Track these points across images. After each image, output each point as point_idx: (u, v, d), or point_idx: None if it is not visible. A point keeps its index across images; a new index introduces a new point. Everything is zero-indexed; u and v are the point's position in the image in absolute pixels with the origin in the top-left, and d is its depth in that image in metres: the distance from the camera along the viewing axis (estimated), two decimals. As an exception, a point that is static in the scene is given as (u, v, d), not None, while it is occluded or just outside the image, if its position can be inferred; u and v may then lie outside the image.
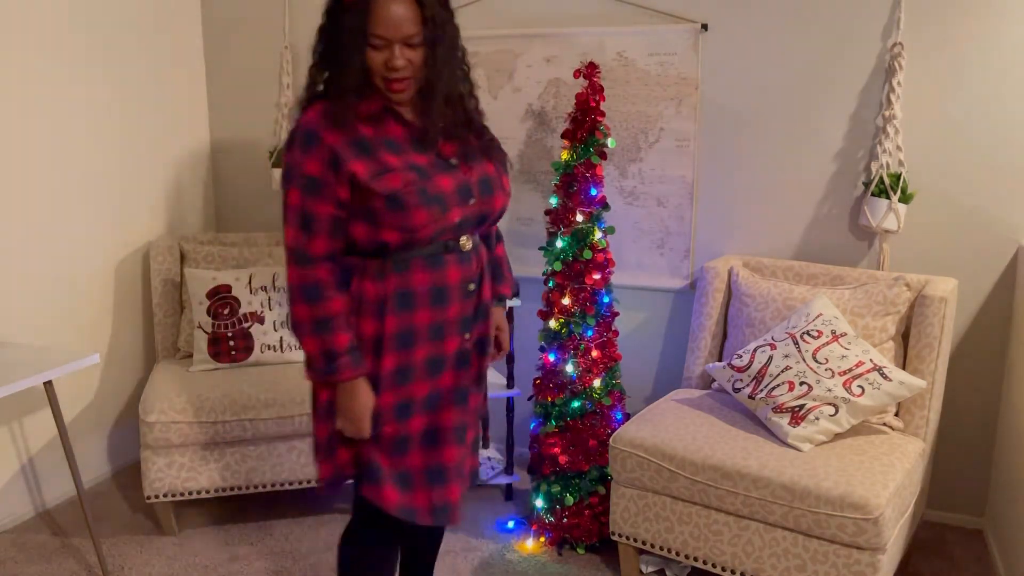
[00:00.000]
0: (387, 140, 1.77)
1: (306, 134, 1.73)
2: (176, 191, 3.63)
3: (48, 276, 3.06)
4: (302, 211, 1.72)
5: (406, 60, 1.73)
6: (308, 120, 1.74)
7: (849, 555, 2.15)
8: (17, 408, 2.99)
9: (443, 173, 1.80)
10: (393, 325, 1.78)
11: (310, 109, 1.76)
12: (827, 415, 2.35)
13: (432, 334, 1.83)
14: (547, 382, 2.80)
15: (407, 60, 1.73)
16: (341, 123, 1.72)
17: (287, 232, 1.75)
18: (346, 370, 1.75)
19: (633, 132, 3.11)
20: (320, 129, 1.72)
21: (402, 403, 1.83)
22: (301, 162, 1.72)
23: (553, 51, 3.16)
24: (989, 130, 2.69)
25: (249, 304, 3.15)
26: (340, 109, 1.73)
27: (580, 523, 2.78)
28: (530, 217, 3.32)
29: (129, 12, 3.31)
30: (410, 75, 1.75)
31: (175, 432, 2.78)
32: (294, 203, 1.73)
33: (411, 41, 1.73)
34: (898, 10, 2.72)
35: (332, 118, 1.73)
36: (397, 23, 1.70)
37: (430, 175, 1.77)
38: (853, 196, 2.88)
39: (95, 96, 3.20)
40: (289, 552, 2.82)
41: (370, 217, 1.74)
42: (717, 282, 2.89)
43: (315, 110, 1.75)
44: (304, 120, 1.75)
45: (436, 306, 1.82)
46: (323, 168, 1.71)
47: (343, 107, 1.73)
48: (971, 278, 2.78)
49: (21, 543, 2.88)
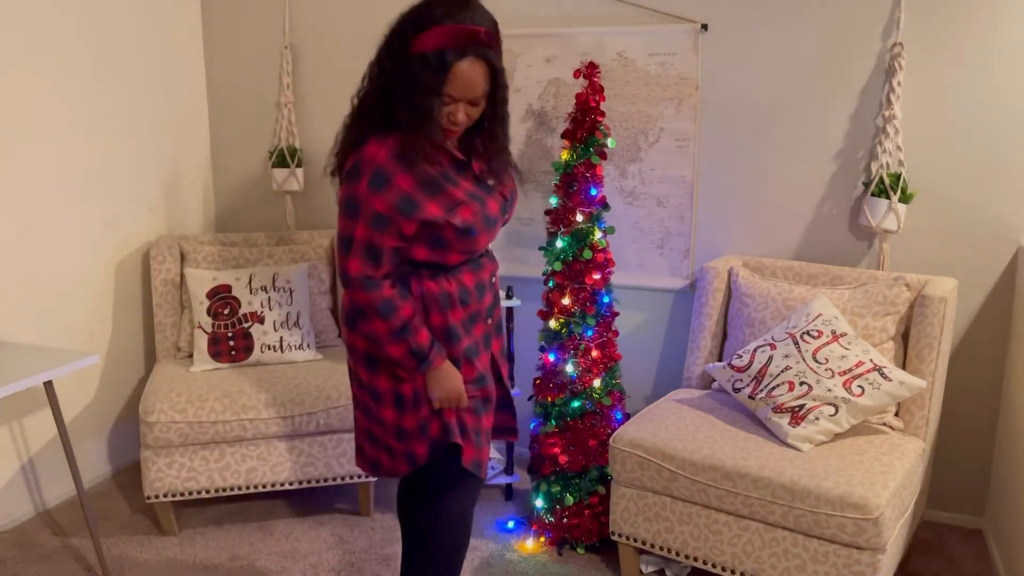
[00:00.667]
0: (444, 173, 1.91)
1: (377, 173, 1.82)
2: (176, 191, 3.63)
3: (48, 276, 3.06)
4: (368, 244, 1.85)
5: (466, 115, 1.88)
6: (378, 157, 1.83)
7: (849, 555, 2.16)
8: (17, 408, 2.99)
9: (490, 197, 1.99)
10: (459, 316, 1.98)
11: (375, 144, 1.84)
12: (827, 415, 2.35)
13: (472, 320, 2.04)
14: (547, 382, 2.80)
15: (467, 115, 1.88)
16: (412, 165, 1.84)
17: (352, 262, 1.87)
18: (436, 359, 1.94)
19: (633, 132, 3.11)
20: (392, 170, 1.83)
21: (478, 375, 2.04)
22: (369, 199, 1.83)
23: (553, 51, 3.16)
24: (989, 130, 2.69)
25: (249, 304, 3.15)
26: (413, 152, 1.84)
27: (580, 523, 2.78)
28: (530, 217, 3.32)
29: (129, 12, 3.31)
30: (466, 125, 1.92)
31: (175, 432, 2.78)
32: (360, 236, 1.85)
33: (478, 101, 1.88)
34: (898, 10, 2.72)
35: (404, 160, 1.83)
36: (472, 88, 1.83)
37: (485, 201, 1.96)
38: (853, 196, 2.88)
39: (95, 96, 3.20)
40: (289, 552, 2.82)
41: (436, 243, 1.91)
42: (717, 282, 2.90)
43: (384, 147, 1.83)
44: (373, 156, 1.83)
45: (477, 298, 2.03)
46: (390, 207, 1.83)
47: (416, 150, 1.84)
48: (971, 278, 2.78)
49: (21, 543, 2.88)
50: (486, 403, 2.08)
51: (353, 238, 1.86)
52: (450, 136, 1.92)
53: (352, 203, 1.85)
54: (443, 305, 1.96)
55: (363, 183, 1.83)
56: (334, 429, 2.91)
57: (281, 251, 3.37)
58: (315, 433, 2.91)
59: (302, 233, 3.50)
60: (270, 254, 3.36)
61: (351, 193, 1.85)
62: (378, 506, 3.11)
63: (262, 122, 3.66)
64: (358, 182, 1.84)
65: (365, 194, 1.83)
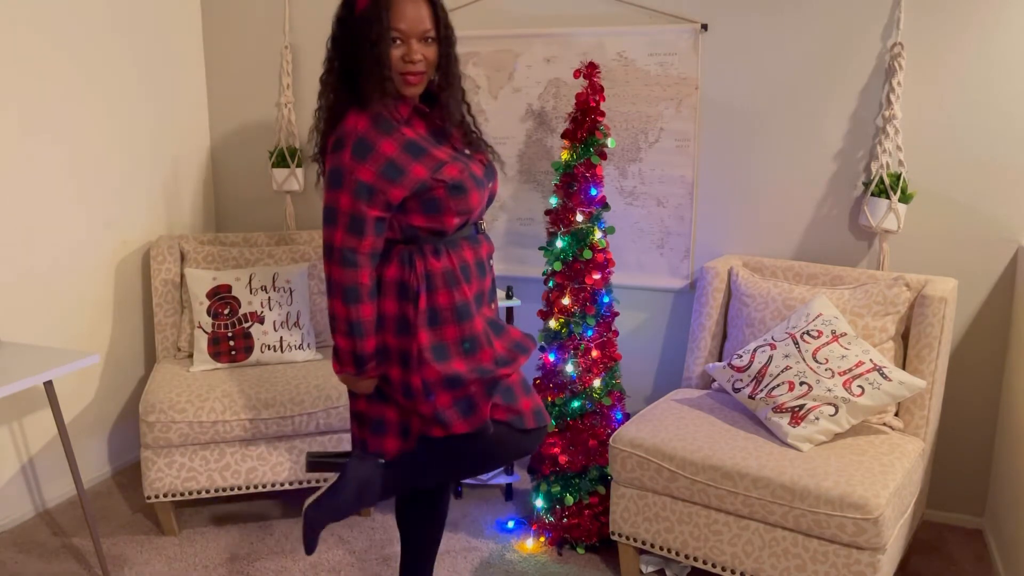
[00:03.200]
0: (424, 137, 1.95)
1: (360, 142, 1.85)
2: (176, 191, 3.63)
3: (48, 276, 3.06)
4: (352, 214, 1.86)
5: (422, 55, 1.90)
6: (359, 127, 1.87)
7: (849, 555, 2.16)
8: (17, 408, 2.99)
9: (471, 161, 2.01)
10: (467, 293, 1.98)
11: (354, 116, 1.88)
12: (827, 415, 2.35)
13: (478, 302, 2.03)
14: (547, 382, 2.80)
15: (422, 55, 1.90)
16: (391, 129, 1.88)
17: (335, 233, 1.87)
18: (372, 372, 1.97)
19: (633, 132, 3.11)
20: (374, 138, 1.86)
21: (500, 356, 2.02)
22: (354, 168, 1.85)
23: (553, 51, 3.16)
24: (989, 130, 2.69)
25: (249, 304, 3.15)
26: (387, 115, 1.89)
27: (580, 523, 2.78)
28: (530, 217, 3.32)
29: (129, 12, 3.32)
30: (424, 70, 1.92)
31: (175, 432, 2.78)
32: (344, 207, 1.86)
33: (426, 37, 1.91)
34: (898, 10, 2.72)
35: (383, 125, 1.88)
36: (415, 19, 1.88)
37: (467, 163, 1.98)
38: (853, 196, 2.88)
39: (95, 96, 3.20)
40: (289, 552, 2.82)
41: (431, 206, 1.91)
42: (717, 282, 2.90)
43: (362, 119, 1.88)
44: (354, 127, 1.87)
45: (479, 278, 2.04)
46: (376, 175, 1.86)
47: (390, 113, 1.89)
48: (971, 278, 2.78)
49: (21, 543, 2.89)
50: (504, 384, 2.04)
51: (338, 209, 1.87)
52: (412, 83, 1.92)
53: (337, 174, 1.87)
54: (449, 282, 1.95)
55: (347, 153, 1.85)
56: (334, 429, 2.91)
57: (281, 251, 3.37)
58: (315, 433, 2.90)
59: (302, 233, 3.50)
60: (270, 254, 3.36)
61: (336, 164, 1.87)
62: (378, 506, 3.12)
63: (262, 122, 3.66)
64: (342, 153, 1.86)
65: (349, 164, 1.85)
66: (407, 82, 1.91)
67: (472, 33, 3.25)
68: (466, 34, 3.26)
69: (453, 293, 1.96)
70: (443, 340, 1.96)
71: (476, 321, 1.99)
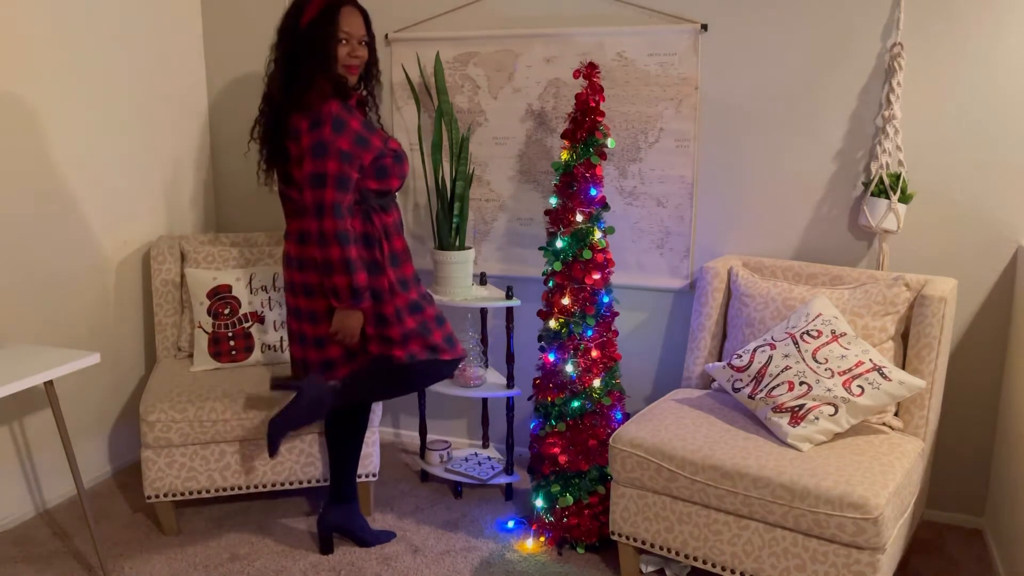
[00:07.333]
0: (368, 121, 2.59)
1: (336, 119, 2.38)
2: (176, 191, 3.63)
3: (48, 276, 3.06)
4: (339, 175, 2.37)
5: (361, 53, 2.52)
6: (333, 108, 2.38)
7: (849, 555, 2.16)
8: (17, 408, 3.00)
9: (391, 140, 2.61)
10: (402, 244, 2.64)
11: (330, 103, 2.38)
12: (827, 415, 2.35)
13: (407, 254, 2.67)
14: (547, 382, 2.80)
15: (360, 53, 2.52)
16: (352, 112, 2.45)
17: (326, 192, 2.35)
18: (365, 302, 2.46)
19: (633, 132, 3.11)
20: (345, 116, 2.41)
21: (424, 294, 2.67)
22: (335, 140, 2.37)
23: (553, 51, 3.17)
24: (989, 130, 2.69)
25: (249, 304, 3.15)
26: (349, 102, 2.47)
27: (580, 523, 2.78)
28: (530, 217, 3.32)
29: (129, 12, 3.32)
30: (361, 65, 2.54)
31: (175, 432, 2.78)
32: (333, 171, 2.36)
33: (363, 40, 2.53)
34: (898, 10, 2.72)
35: (347, 108, 2.43)
36: (359, 25, 2.51)
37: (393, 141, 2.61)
38: (853, 196, 2.88)
39: (95, 96, 3.20)
40: (289, 552, 2.82)
41: (381, 172, 2.50)
42: (717, 282, 2.90)
43: (333, 104, 2.39)
44: (329, 109, 2.38)
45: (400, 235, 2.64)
46: (351, 144, 2.40)
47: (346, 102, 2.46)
48: (971, 278, 2.78)
49: (21, 543, 2.89)
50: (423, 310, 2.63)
51: (327, 172, 2.35)
52: (353, 73, 2.51)
53: (321, 146, 2.36)
54: (399, 231, 2.61)
55: (327, 129, 2.36)
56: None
57: (281, 251, 3.37)
58: (315, 433, 2.91)
59: (302, 233, 3.50)
60: (270, 254, 3.36)
61: (319, 139, 2.36)
62: (378, 506, 3.12)
63: (262, 122, 3.66)
64: (322, 129, 2.36)
65: (331, 136, 2.36)
66: (350, 71, 2.50)
67: (472, 33, 3.25)
68: (466, 34, 3.27)
69: (402, 239, 2.62)
70: (404, 276, 2.59)
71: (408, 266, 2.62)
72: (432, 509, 3.10)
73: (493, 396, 3.10)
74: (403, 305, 2.54)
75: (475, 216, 3.39)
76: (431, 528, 2.96)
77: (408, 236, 3.48)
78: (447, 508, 3.11)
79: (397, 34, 3.36)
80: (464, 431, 3.60)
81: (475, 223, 3.39)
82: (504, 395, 3.08)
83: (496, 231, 3.38)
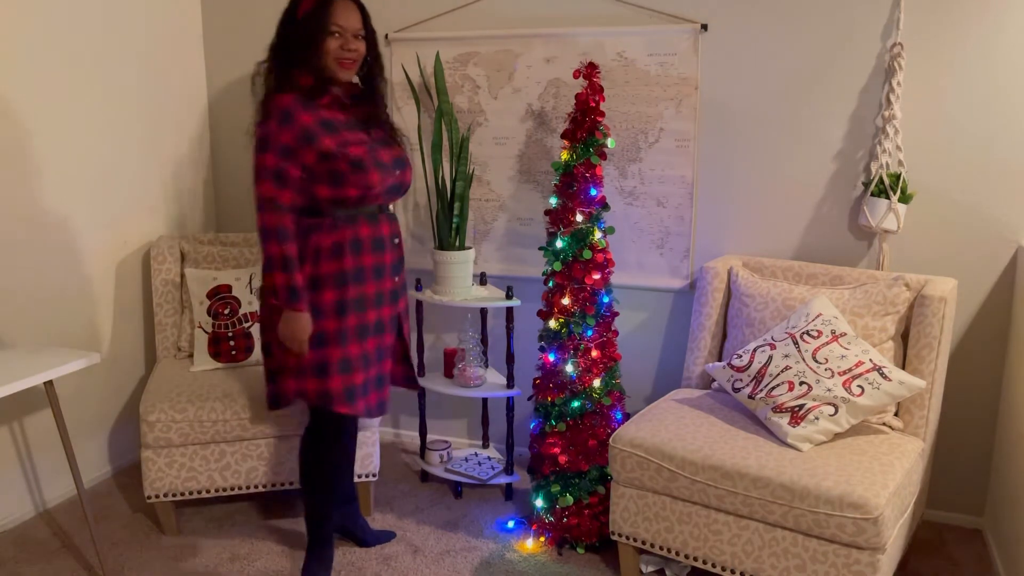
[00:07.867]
0: (341, 122, 2.37)
1: (283, 113, 2.28)
2: (176, 191, 3.63)
3: (48, 276, 3.06)
4: (276, 170, 2.26)
5: (355, 47, 2.39)
6: (285, 103, 2.29)
7: (849, 555, 2.16)
8: (17, 408, 3.00)
9: (381, 147, 2.43)
10: (351, 264, 2.37)
11: (283, 96, 2.30)
12: (827, 415, 2.35)
13: (375, 274, 2.43)
14: (547, 382, 2.80)
15: (355, 47, 2.40)
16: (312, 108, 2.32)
17: (263, 186, 2.26)
18: (303, 303, 2.30)
19: (633, 132, 3.11)
20: (295, 110, 2.29)
21: (361, 325, 2.41)
22: (278, 133, 2.27)
23: (553, 51, 3.17)
24: (989, 130, 2.69)
25: (249, 304, 3.15)
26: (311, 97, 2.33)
27: (580, 523, 2.78)
28: (530, 217, 3.32)
29: (129, 12, 3.32)
30: (356, 59, 2.41)
31: (175, 432, 2.78)
32: (270, 164, 2.26)
33: (358, 34, 2.40)
34: (898, 10, 2.72)
35: (306, 104, 2.31)
36: (353, 18, 2.39)
37: (376, 149, 2.40)
38: (853, 196, 2.88)
39: (95, 96, 3.20)
40: (289, 552, 2.82)
41: (335, 178, 2.31)
42: (717, 282, 2.90)
43: (288, 96, 2.30)
44: (281, 102, 2.29)
45: (376, 252, 2.43)
46: (295, 138, 2.27)
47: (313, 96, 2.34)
48: (971, 278, 2.78)
49: (21, 543, 2.89)
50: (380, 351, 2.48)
51: (265, 166, 2.27)
52: (346, 67, 2.39)
53: (263, 140, 2.28)
54: (336, 253, 2.35)
55: (272, 122, 2.28)
56: (334, 429, 2.91)
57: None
58: (315, 433, 2.91)
59: (302, 233, 3.50)
60: (270, 254, 3.36)
61: (263, 133, 2.28)
62: (378, 506, 3.12)
63: (262, 122, 3.66)
64: (267, 122, 2.28)
65: (274, 130, 2.27)
66: (343, 66, 2.38)
67: (472, 33, 3.25)
68: (466, 34, 3.27)
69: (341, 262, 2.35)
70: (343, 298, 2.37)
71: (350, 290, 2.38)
72: (432, 509, 3.10)
73: (493, 396, 3.10)
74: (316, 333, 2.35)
75: (475, 216, 3.39)
76: (431, 528, 2.96)
77: (408, 236, 3.48)
78: (447, 508, 3.11)
79: (397, 34, 3.36)
80: (464, 431, 3.60)
81: (475, 223, 3.39)
82: (504, 395, 3.09)
83: (496, 231, 3.38)
